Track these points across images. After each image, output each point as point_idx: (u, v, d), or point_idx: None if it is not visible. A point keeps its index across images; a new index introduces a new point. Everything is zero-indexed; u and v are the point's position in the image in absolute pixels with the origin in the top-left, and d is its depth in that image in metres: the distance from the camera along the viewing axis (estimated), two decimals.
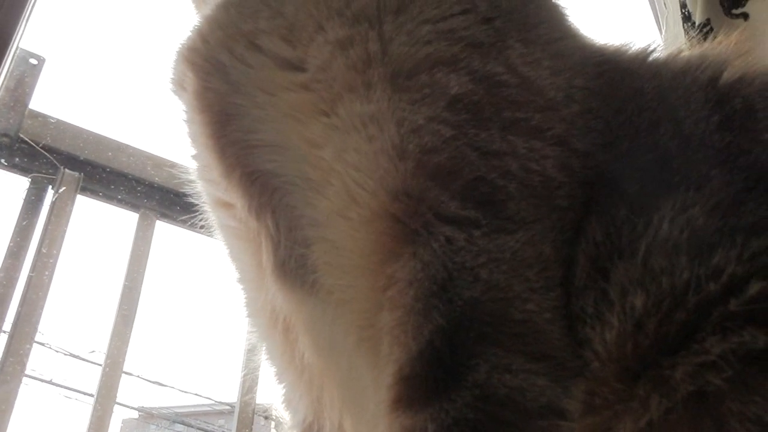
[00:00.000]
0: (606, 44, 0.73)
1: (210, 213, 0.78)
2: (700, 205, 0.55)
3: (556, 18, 0.73)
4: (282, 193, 0.66)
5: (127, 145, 1.48)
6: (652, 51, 0.72)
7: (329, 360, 0.66)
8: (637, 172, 0.60)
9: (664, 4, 1.85)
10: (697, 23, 1.78)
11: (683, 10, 1.83)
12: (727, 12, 1.76)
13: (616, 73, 0.68)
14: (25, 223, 1.34)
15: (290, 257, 0.66)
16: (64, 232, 1.40)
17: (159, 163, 1.52)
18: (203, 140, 0.70)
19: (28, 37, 1.37)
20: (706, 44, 0.75)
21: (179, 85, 0.74)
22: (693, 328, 0.52)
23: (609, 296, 0.54)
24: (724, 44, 0.72)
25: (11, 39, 1.19)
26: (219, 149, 0.68)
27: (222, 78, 0.68)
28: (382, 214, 0.58)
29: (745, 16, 1.73)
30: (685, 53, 0.72)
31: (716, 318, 0.51)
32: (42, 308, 1.29)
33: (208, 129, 0.69)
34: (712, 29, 1.74)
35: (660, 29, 1.94)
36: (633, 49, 0.73)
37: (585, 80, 0.65)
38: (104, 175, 1.44)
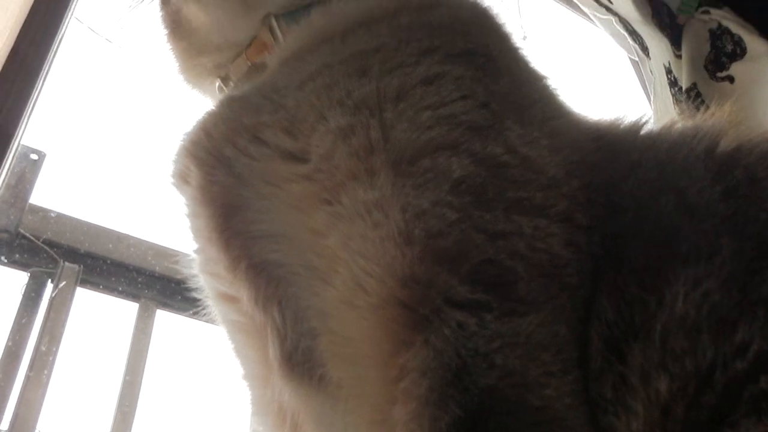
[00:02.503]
0: (599, 119, 0.75)
1: (213, 307, 0.77)
2: (713, 277, 0.54)
3: (549, 97, 0.75)
4: (287, 284, 0.65)
5: (128, 236, 1.48)
6: (644, 123, 0.73)
7: None
8: (642, 244, 0.59)
9: (650, 70, 1.90)
10: (684, 88, 1.82)
11: (669, 76, 1.88)
12: (712, 76, 1.80)
13: (613, 147, 0.69)
14: (24, 320, 1.32)
15: (297, 350, 0.64)
16: (64, 328, 1.37)
17: (160, 252, 1.51)
18: (207, 234, 0.70)
19: (28, 132, 1.39)
20: (699, 115, 0.76)
21: (182, 179, 0.74)
22: (724, 411, 0.49)
23: (629, 381, 0.52)
24: (717, 115, 0.73)
25: (13, 139, 1.20)
26: (224, 242, 0.68)
27: (226, 171, 0.69)
28: (391, 301, 0.56)
29: (731, 79, 1.78)
30: (678, 125, 0.74)
31: (748, 398, 0.49)
32: (40, 409, 1.25)
33: (213, 222, 0.69)
34: (699, 93, 1.78)
35: (648, 95, 1.98)
36: (626, 122, 0.74)
37: (583, 155, 0.66)
38: (105, 267, 1.44)
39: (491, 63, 0.72)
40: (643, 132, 0.72)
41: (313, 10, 0.78)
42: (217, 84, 0.88)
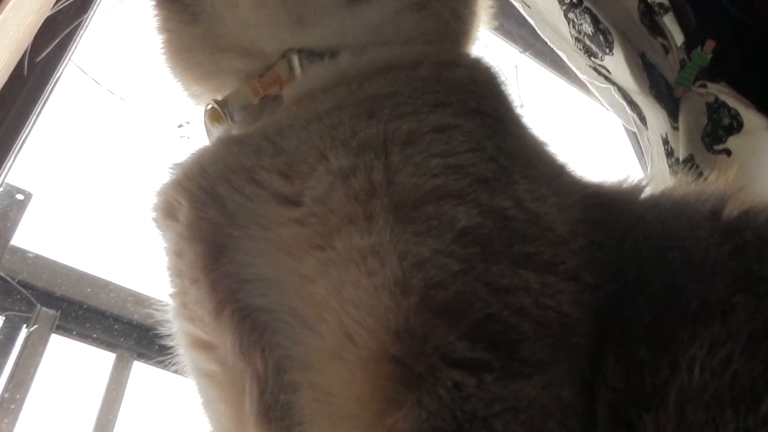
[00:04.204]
0: (601, 180, 0.75)
1: (184, 355, 0.72)
2: (731, 342, 0.50)
3: (550, 158, 0.75)
4: (272, 331, 0.61)
5: (108, 281, 1.42)
6: (647, 184, 0.73)
7: None
8: (649, 300, 0.57)
9: (648, 140, 1.91)
10: (680, 159, 1.82)
11: (666, 146, 1.89)
12: (709, 148, 1.81)
13: (616, 204, 0.69)
14: None
15: (276, 404, 0.60)
16: (33, 375, 1.30)
17: (141, 300, 1.46)
18: (193, 274, 0.66)
19: (17, 172, 1.36)
20: (701, 180, 0.77)
21: (168, 214, 0.70)
22: None
23: None
24: (720, 180, 0.73)
25: None
26: (210, 283, 0.64)
27: (218, 209, 0.65)
28: (382, 356, 0.52)
29: (728, 152, 1.78)
30: (682, 187, 0.74)
31: None
32: None
33: (200, 261, 0.65)
34: (696, 165, 1.78)
35: (644, 165, 1.99)
36: (628, 182, 0.74)
37: (587, 214, 0.64)
38: (80, 313, 1.37)
39: (500, 124, 0.72)
40: (645, 192, 0.72)
41: (342, 53, 0.76)
42: (209, 106, 0.82)
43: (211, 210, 0.65)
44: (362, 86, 0.71)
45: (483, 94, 0.74)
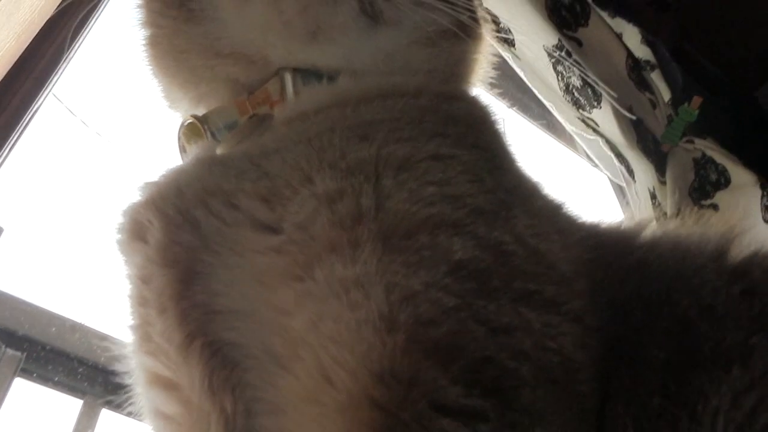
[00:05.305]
0: (598, 221, 0.73)
1: (142, 395, 0.66)
2: (758, 390, 0.47)
3: (547, 197, 0.73)
4: (243, 369, 0.56)
5: (76, 322, 1.35)
6: (645, 226, 0.72)
7: None
8: (659, 345, 0.54)
9: (636, 193, 1.90)
10: (668, 214, 1.82)
11: (653, 201, 1.88)
12: (696, 203, 1.81)
13: (615, 245, 0.67)
14: None
15: None
16: None
17: (112, 343, 1.38)
18: (160, 302, 0.60)
19: None
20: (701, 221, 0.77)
21: (136, 236, 0.64)
22: None
23: None
24: (720, 222, 0.73)
25: None
26: (180, 313, 0.59)
27: (192, 233, 0.61)
28: (363, 400, 0.47)
29: (715, 207, 1.78)
30: (681, 229, 0.73)
31: None
32: None
33: (170, 288, 0.60)
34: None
35: (632, 218, 1.98)
36: (626, 224, 0.73)
37: (588, 253, 0.62)
38: (43, 354, 1.30)
39: (498, 160, 0.70)
40: (644, 233, 0.70)
41: (342, 76, 0.73)
42: (187, 121, 0.77)
43: (185, 234, 0.61)
44: (358, 110, 0.67)
45: (480, 130, 0.73)
